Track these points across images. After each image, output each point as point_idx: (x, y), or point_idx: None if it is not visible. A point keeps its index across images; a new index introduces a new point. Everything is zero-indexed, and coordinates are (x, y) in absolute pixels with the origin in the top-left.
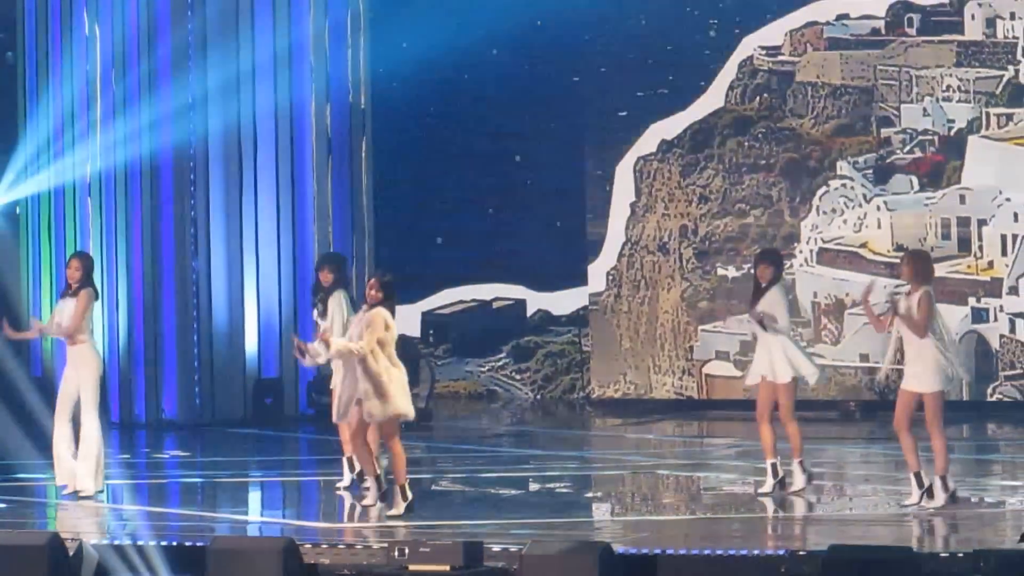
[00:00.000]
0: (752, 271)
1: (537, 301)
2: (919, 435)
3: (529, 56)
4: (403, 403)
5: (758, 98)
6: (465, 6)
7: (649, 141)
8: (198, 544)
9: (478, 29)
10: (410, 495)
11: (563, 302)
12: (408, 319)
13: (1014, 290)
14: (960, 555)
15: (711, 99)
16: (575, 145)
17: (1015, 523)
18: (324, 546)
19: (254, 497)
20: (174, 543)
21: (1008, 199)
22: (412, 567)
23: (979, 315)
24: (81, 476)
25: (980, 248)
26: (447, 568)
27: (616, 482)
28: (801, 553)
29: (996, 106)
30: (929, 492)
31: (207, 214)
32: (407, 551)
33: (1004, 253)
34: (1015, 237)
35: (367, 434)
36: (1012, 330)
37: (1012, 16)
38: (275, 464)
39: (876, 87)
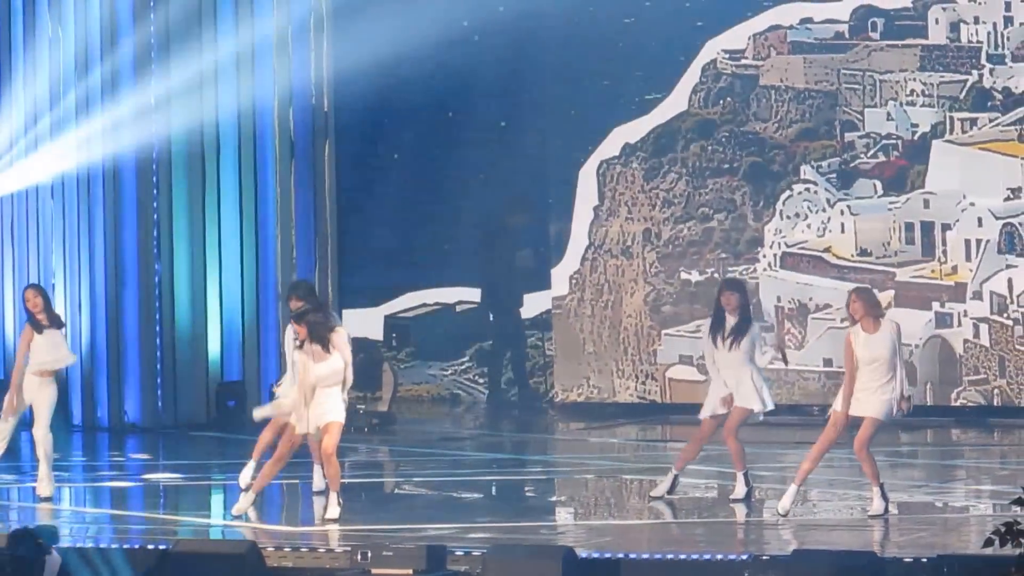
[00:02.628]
0: (717, 276)
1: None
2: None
3: (492, 59)
4: None
5: (721, 102)
6: (428, 9)
7: (612, 144)
8: (160, 547)
9: (441, 33)
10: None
11: (526, 306)
12: (371, 322)
13: (978, 295)
14: (924, 560)
15: (674, 103)
16: (538, 148)
17: (979, 528)
18: (287, 549)
19: (217, 500)
20: (136, 546)
21: (972, 204)
22: (375, 571)
23: (943, 320)
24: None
25: (944, 253)
26: (410, 572)
27: (579, 486)
28: (764, 557)
29: (960, 110)
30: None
31: (169, 217)
32: (370, 555)
33: (968, 258)
34: (979, 242)
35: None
36: (976, 335)
37: (976, 20)
38: (238, 467)
39: (840, 91)
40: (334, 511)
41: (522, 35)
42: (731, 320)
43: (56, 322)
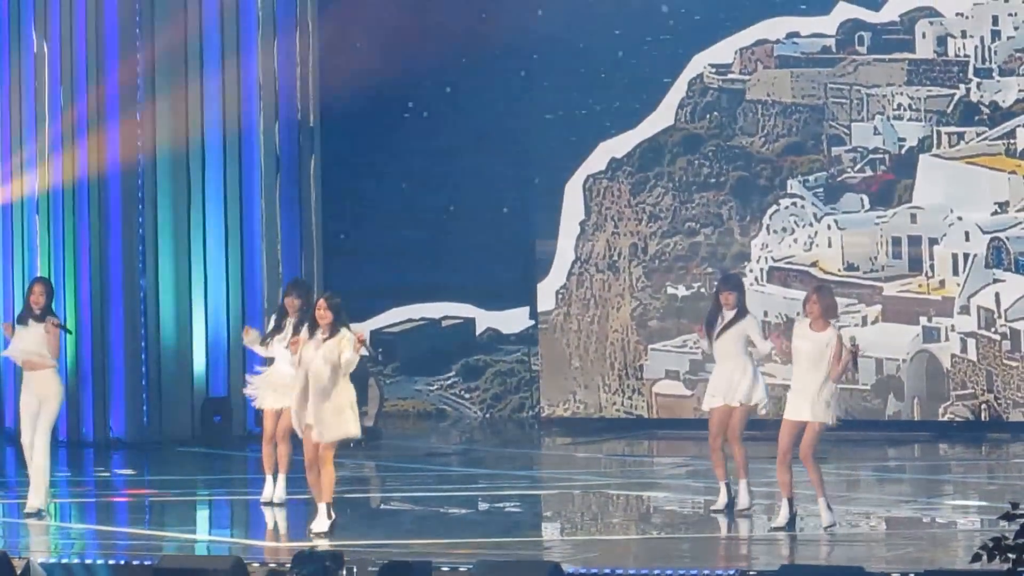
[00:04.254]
0: (703, 290)
1: (486, 320)
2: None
3: (478, 72)
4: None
5: (708, 116)
6: (414, 24)
7: (599, 159)
8: (146, 563)
9: (426, 45)
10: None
11: (512, 321)
12: None
13: (965, 309)
14: (911, 575)
15: (661, 117)
16: (524, 163)
17: (967, 543)
18: (272, 565)
19: (202, 515)
20: (122, 562)
21: (959, 218)
22: None
23: (930, 334)
24: (39, 497)
25: (931, 267)
26: None
27: (565, 501)
28: (752, 573)
29: (947, 125)
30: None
31: (155, 232)
32: (355, 570)
33: (955, 272)
34: (966, 256)
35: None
36: (963, 350)
37: (963, 35)
38: (223, 482)
39: (826, 105)
40: (324, 524)
41: (507, 50)
42: (727, 315)
43: (41, 318)
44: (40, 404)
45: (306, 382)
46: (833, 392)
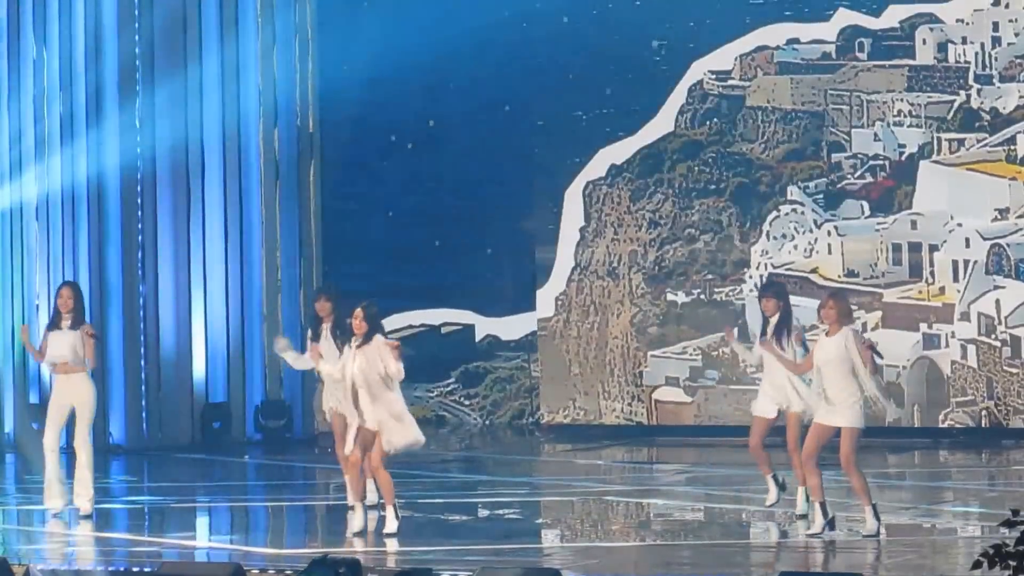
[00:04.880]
0: (703, 297)
1: (486, 326)
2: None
3: (477, 79)
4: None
5: (708, 123)
6: (413, 30)
7: (598, 166)
8: (146, 570)
9: (426, 52)
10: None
11: (512, 327)
12: None
13: (965, 316)
14: None
15: (661, 124)
16: (524, 169)
17: (967, 550)
18: (271, 571)
19: (202, 522)
20: (122, 568)
21: (959, 224)
22: None
23: (930, 341)
24: (85, 497)
25: (931, 274)
26: None
27: (565, 508)
28: None
29: (947, 131)
30: (831, 523)
31: (154, 238)
32: None
33: (955, 279)
34: (966, 263)
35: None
36: (964, 356)
37: (963, 41)
38: (223, 489)
39: (827, 112)
40: (392, 525)
41: (507, 56)
42: (772, 323)
43: (76, 324)
44: (73, 408)
45: (354, 391)
46: (867, 394)
